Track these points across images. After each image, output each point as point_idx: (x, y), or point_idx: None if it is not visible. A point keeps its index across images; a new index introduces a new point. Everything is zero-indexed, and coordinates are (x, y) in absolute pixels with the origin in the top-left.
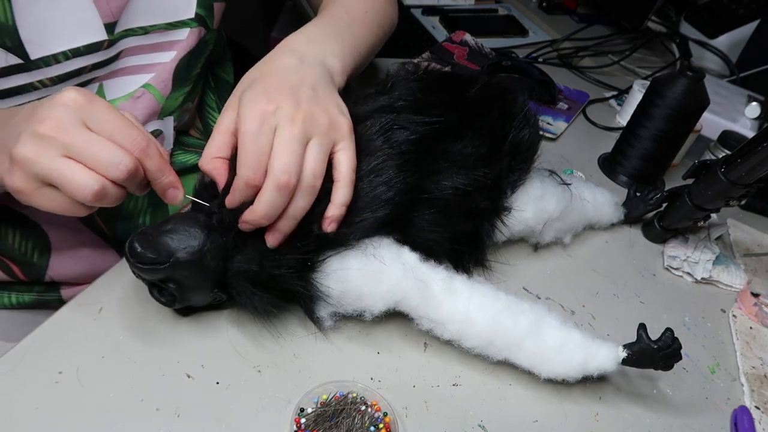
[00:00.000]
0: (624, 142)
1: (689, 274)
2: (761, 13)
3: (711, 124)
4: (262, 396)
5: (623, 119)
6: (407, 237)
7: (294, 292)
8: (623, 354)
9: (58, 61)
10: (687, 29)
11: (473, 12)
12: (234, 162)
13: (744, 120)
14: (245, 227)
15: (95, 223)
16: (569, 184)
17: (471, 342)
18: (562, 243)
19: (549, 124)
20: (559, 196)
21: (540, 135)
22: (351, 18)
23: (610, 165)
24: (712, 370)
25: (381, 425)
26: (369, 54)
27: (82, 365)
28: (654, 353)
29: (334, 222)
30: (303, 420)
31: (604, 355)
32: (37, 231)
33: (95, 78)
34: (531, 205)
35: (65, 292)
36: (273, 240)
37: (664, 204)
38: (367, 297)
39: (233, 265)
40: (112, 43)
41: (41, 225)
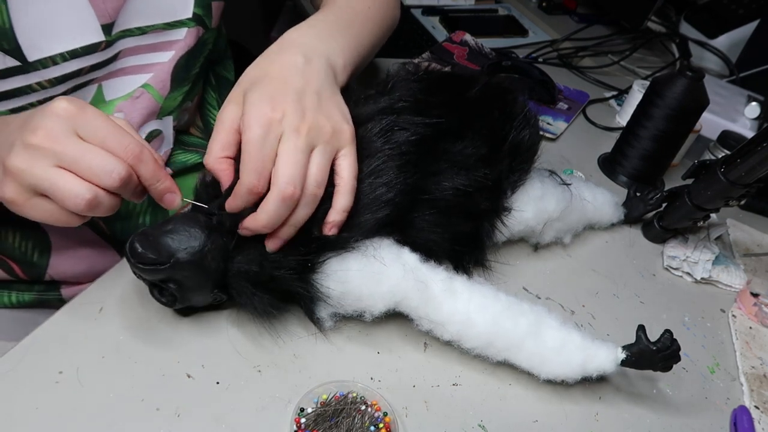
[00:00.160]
0: (624, 142)
1: (689, 274)
2: (761, 13)
3: (711, 124)
4: (262, 396)
5: (623, 119)
6: (407, 238)
7: (294, 292)
8: (622, 355)
9: (55, 63)
10: (687, 29)
11: (473, 12)
12: (239, 163)
13: (743, 120)
14: (245, 233)
15: (96, 223)
16: (569, 184)
17: (471, 343)
18: (562, 243)
19: (549, 124)
20: (559, 196)
21: (540, 135)
22: (355, 13)
23: (610, 165)
24: (711, 370)
25: (381, 425)
26: (371, 50)
27: (82, 365)
28: (653, 355)
29: (334, 227)
30: (303, 420)
31: (603, 357)
32: (38, 231)
33: (94, 79)
34: (531, 206)
35: (65, 291)
36: (273, 246)
37: (663, 204)
38: (367, 298)
39: (234, 266)
40: (109, 44)
41: (41, 225)
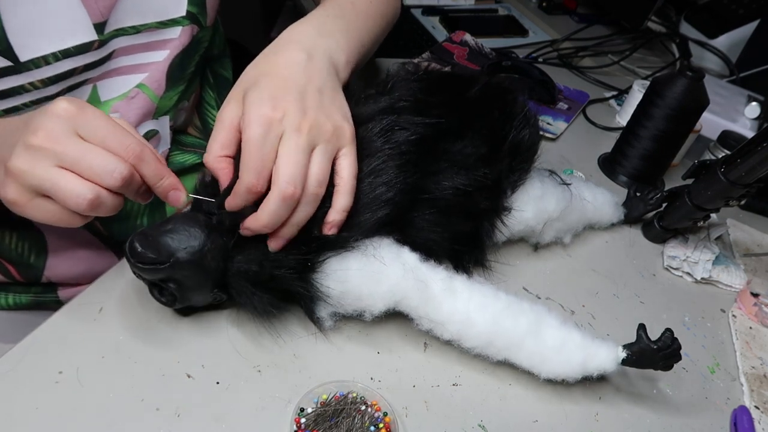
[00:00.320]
0: (624, 142)
1: (689, 274)
2: (761, 13)
3: (711, 124)
4: (262, 396)
5: (623, 119)
6: (407, 237)
7: (294, 292)
8: (623, 354)
9: (48, 63)
10: (687, 29)
11: (473, 12)
12: (238, 162)
13: (744, 120)
14: (247, 233)
15: (92, 225)
16: (569, 184)
17: (471, 342)
18: (562, 243)
19: (549, 124)
20: (559, 196)
21: (540, 135)
22: (355, 9)
23: (610, 165)
24: (711, 370)
25: (381, 425)
26: (373, 46)
27: (82, 365)
28: (654, 353)
29: (334, 227)
30: (303, 420)
31: (603, 355)
32: (34, 232)
33: (88, 79)
34: (531, 205)
35: (62, 293)
36: (275, 245)
37: (664, 204)
38: (367, 297)
39: (233, 265)
40: (102, 43)
41: (38, 226)
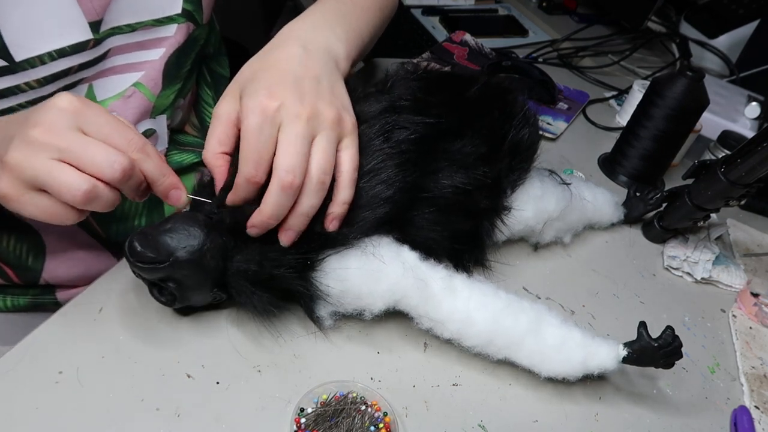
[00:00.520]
0: (624, 142)
1: (689, 274)
2: (761, 13)
3: (711, 124)
4: (262, 396)
5: (623, 119)
6: (407, 236)
7: (294, 291)
8: (624, 352)
9: (43, 62)
10: (687, 29)
11: (473, 12)
12: (236, 159)
13: (744, 120)
14: (254, 232)
15: (90, 226)
16: (569, 183)
17: (471, 341)
18: (562, 243)
19: (549, 124)
20: (559, 195)
21: (540, 135)
22: (353, 2)
23: (610, 165)
24: (711, 370)
25: (381, 425)
26: (372, 38)
27: (82, 365)
28: (654, 351)
29: (336, 220)
30: (303, 420)
31: (604, 354)
32: (32, 234)
33: (84, 78)
34: (531, 205)
35: (61, 294)
36: (286, 238)
37: (664, 204)
38: (367, 296)
39: (233, 265)
40: (98, 42)
41: (36, 228)
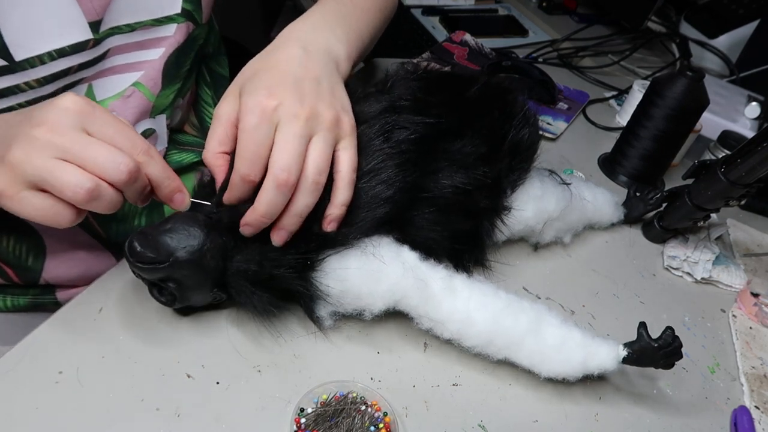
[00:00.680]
0: (624, 142)
1: (689, 274)
2: (761, 13)
3: (711, 124)
4: (262, 396)
5: (623, 119)
6: (407, 236)
7: (294, 291)
8: (624, 353)
9: (43, 62)
10: (687, 29)
11: (473, 12)
12: (234, 158)
13: (744, 120)
14: (247, 230)
15: (90, 226)
16: (569, 183)
17: (471, 341)
18: (562, 243)
19: (549, 124)
20: (559, 195)
21: (540, 135)
22: (353, 2)
23: (610, 165)
24: (712, 370)
25: (381, 425)
26: (372, 39)
27: (82, 365)
28: (654, 352)
29: (334, 221)
30: (303, 420)
31: (604, 354)
32: (32, 234)
33: (83, 78)
34: (531, 205)
35: (61, 294)
36: (278, 238)
37: (664, 204)
38: (367, 296)
39: (233, 265)
40: (97, 42)
41: (36, 228)
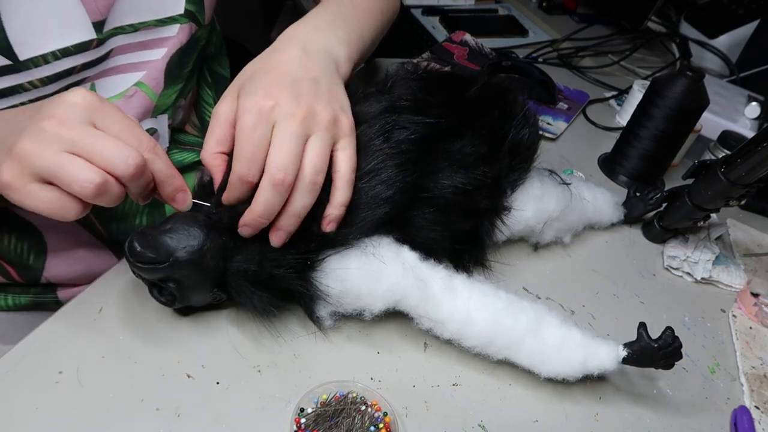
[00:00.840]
0: (624, 142)
1: (689, 274)
2: (761, 13)
3: (711, 124)
4: (262, 396)
5: (623, 119)
6: (407, 236)
7: (294, 291)
8: (623, 353)
9: (47, 62)
10: (687, 29)
11: (473, 12)
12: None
13: (744, 120)
14: (246, 231)
15: (91, 224)
16: (569, 183)
17: (471, 341)
18: (562, 243)
19: (549, 124)
20: (559, 195)
21: (540, 134)
22: (355, 5)
23: (610, 165)
24: (712, 370)
25: (381, 425)
26: (373, 42)
27: (82, 365)
28: (654, 352)
29: (333, 222)
30: (303, 420)
31: (604, 354)
32: (33, 233)
33: (86, 78)
34: (531, 205)
35: (62, 293)
36: (277, 239)
37: (664, 204)
38: (367, 296)
39: (233, 265)
40: (101, 42)
41: (37, 227)
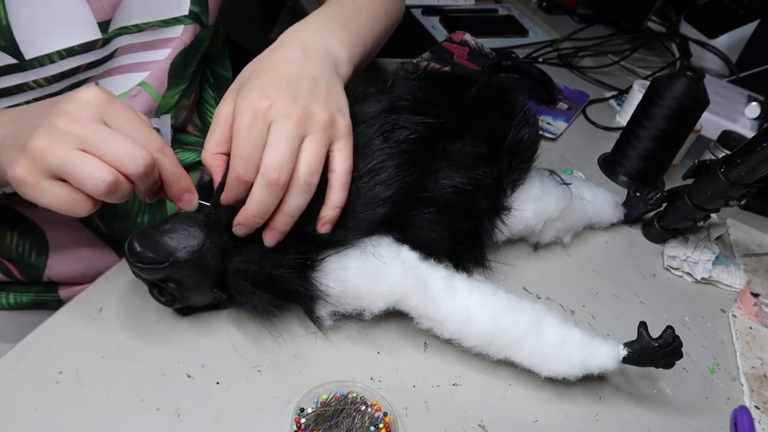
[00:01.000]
0: (624, 142)
1: (689, 274)
2: (761, 13)
3: (711, 124)
4: (262, 396)
5: (623, 119)
6: (407, 236)
7: (294, 291)
8: (624, 352)
9: (52, 61)
10: (687, 29)
11: (473, 12)
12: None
13: (744, 120)
14: (240, 230)
15: (93, 223)
16: (569, 183)
17: (471, 341)
18: (562, 243)
19: (549, 124)
20: (559, 195)
21: (540, 134)
22: (357, 6)
23: (610, 165)
24: (712, 370)
25: (381, 425)
26: (376, 44)
27: (82, 365)
28: (655, 351)
29: (328, 223)
30: (303, 420)
31: (604, 354)
32: (35, 231)
33: (91, 77)
34: (531, 205)
35: (63, 292)
36: (270, 238)
37: (663, 204)
38: (367, 296)
39: (233, 265)
40: (106, 42)
41: (39, 225)
